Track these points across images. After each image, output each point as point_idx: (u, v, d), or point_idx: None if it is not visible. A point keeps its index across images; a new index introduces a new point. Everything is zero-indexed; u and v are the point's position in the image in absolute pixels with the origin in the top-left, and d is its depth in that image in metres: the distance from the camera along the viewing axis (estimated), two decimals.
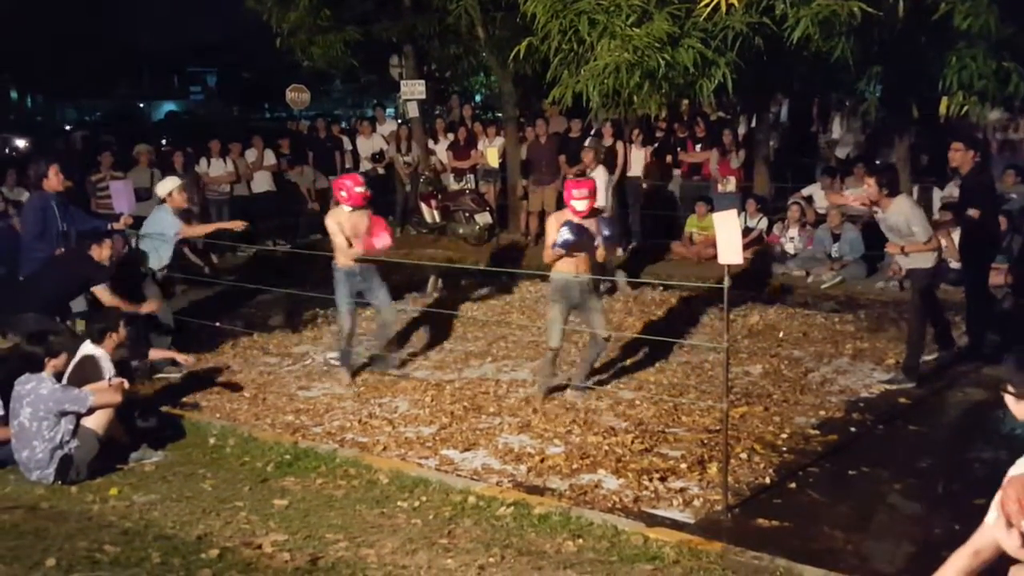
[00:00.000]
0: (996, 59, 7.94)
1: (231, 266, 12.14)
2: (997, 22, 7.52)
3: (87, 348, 5.92)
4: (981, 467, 5.65)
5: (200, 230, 8.97)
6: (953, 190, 9.63)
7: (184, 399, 7.15)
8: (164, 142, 15.84)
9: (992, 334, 7.51)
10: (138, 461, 5.89)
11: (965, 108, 8.32)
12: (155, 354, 7.09)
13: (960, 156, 6.93)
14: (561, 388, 6.97)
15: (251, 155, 13.68)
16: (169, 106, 37.67)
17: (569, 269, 6.65)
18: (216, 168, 13.20)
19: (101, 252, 7.25)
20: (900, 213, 6.83)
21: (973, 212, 7.37)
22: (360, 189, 7.33)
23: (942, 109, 8.61)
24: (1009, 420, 5.93)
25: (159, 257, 8.07)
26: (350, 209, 7.32)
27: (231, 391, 7.35)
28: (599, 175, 9.30)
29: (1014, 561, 2.57)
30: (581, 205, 6.57)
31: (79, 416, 5.56)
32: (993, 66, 7.95)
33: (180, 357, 6.96)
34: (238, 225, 8.66)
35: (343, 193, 7.34)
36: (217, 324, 9.11)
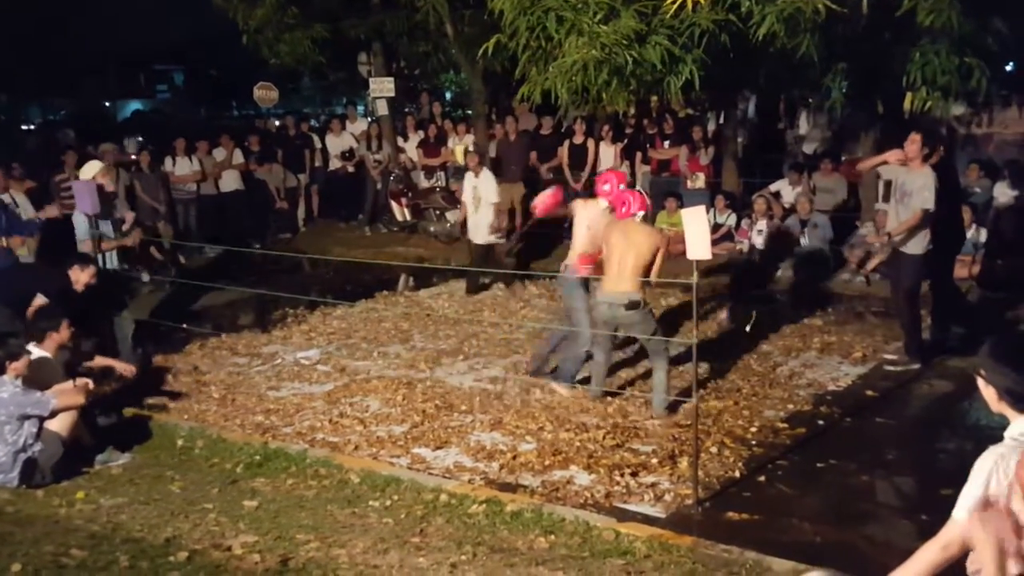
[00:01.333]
0: (959, 55, 8.06)
1: (198, 266, 12.02)
2: (959, 18, 7.63)
3: (39, 350, 5.83)
4: (947, 458, 5.74)
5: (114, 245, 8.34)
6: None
7: (151, 400, 7.07)
8: (140, 140, 15.56)
9: (957, 327, 7.62)
10: (104, 464, 5.80)
11: (929, 103, 8.43)
12: (98, 362, 6.73)
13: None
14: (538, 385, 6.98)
15: (220, 154, 13.56)
16: (135, 105, 37.20)
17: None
18: (182, 167, 13.08)
19: (79, 275, 6.97)
20: (924, 177, 6.90)
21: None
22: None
23: (906, 105, 8.72)
24: (975, 411, 6.04)
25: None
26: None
27: (199, 392, 7.28)
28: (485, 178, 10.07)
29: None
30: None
31: (42, 419, 5.47)
32: (956, 62, 8.07)
33: (120, 367, 6.69)
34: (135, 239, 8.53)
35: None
36: (184, 325, 9.02)
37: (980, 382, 2.71)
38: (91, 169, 8.24)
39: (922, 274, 7.28)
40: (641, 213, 6.59)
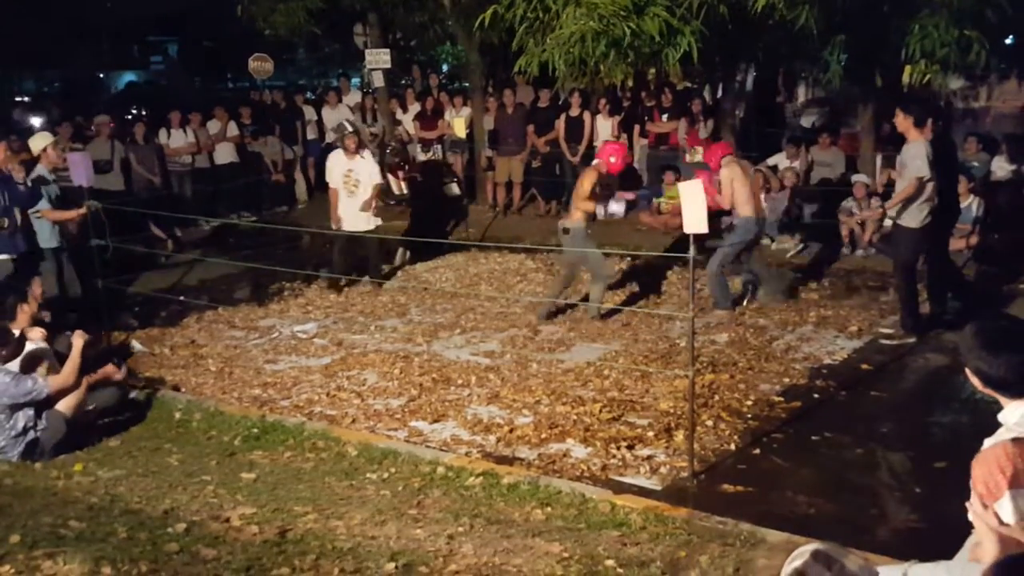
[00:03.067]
0: (958, 28, 8.01)
1: (195, 239, 12.00)
2: None
3: (32, 343, 5.80)
4: (941, 432, 5.77)
5: (58, 215, 8.21)
6: None
7: (149, 374, 7.08)
8: (135, 111, 15.47)
9: (953, 300, 7.64)
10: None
11: (927, 77, 8.39)
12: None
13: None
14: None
15: (214, 126, 13.47)
16: (129, 76, 36.91)
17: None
18: (176, 139, 13.00)
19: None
20: (916, 147, 6.94)
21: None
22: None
23: (905, 78, 8.68)
24: (969, 386, 6.07)
25: (44, 233, 7.94)
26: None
27: (196, 365, 7.29)
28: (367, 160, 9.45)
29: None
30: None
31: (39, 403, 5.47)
32: (955, 35, 8.02)
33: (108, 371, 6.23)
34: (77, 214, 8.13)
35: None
36: (182, 298, 9.02)
37: (966, 369, 2.70)
38: (41, 141, 8.19)
39: (919, 247, 7.28)
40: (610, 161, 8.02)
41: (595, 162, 8.18)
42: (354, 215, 9.32)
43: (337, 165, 9.42)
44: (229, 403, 6.44)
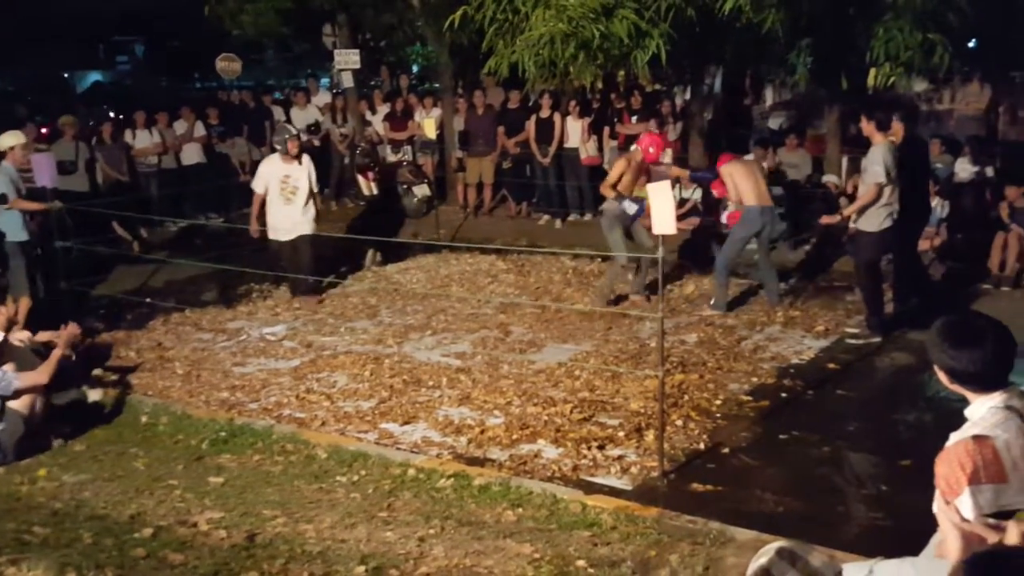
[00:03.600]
0: (922, 31, 8.12)
1: (161, 241, 11.86)
2: None
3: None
4: (907, 430, 5.84)
5: (25, 205, 8.19)
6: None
7: (114, 377, 6.99)
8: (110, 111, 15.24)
9: (919, 300, 7.74)
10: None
11: (892, 79, 8.50)
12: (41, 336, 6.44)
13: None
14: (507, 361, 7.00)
15: (180, 127, 13.34)
16: (95, 76, 36.44)
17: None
18: (142, 139, 12.85)
19: None
20: (875, 152, 7.05)
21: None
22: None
23: (870, 80, 8.79)
24: (934, 384, 6.16)
25: (14, 226, 7.84)
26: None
27: (163, 368, 7.21)
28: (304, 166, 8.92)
29: None
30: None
31: (4, 399, 5.39)
32: (919, 37, 8.13)
33: (63, 334, 6.19)
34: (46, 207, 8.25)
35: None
36: (148, 300, 8.91)
37: (934, 366, 2.74)
38: (9, 140, 8.09)
39: (880, 249, 7.38)
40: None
41: (633, 148, 8.42)
42: (289, 222, 8.81)
43: (273, 170, 8.90)
44: (196, 406, 6.38)
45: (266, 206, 8.91)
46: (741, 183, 8.17)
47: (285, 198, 8.81)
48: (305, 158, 8.95)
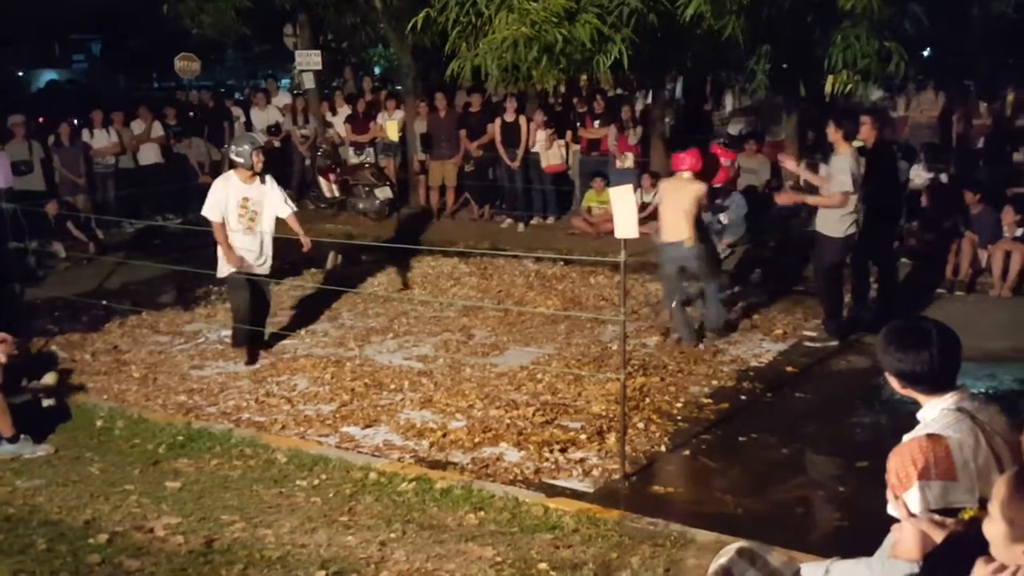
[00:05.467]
0: (878, 39, 8.25)
1: (118, 241, 11.68)
2: (879, 2, 7.81)
3: None
4: (863, 432, 5.94)
5: None
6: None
7: (69, 381, 6.86)
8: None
9: (875, 304, 7.86)
10: (15, 455, 5.49)
11: (849, 86, 8.63)
12: None
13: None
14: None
15: (138, 126, 13.14)
16: (50, 75, 35.79)
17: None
18: (99, 139, 12.63)
19: None
20: (840, 160, 7.09)
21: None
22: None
23: (827, 88, 8.91)
24: (890, 387, 6.26)
25: None
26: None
27: (119, 372, 7.09)
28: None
29: None
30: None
31: None
32: (875, 46, 8.26)
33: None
34: None
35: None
36: (104, 302, 8.76)
37: (885, 372, 2.78)
38: None
39: (842, 255, 7.47)
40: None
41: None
42: (255, 259, 7.35)
43: (231, 192, 7.23)
44: (153, 410, 6.29)
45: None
46: (661, 209, 7.47)
47: (245, 225, 7.25)
48: (269, 177, 7.37)
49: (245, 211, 7.23)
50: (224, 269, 7.29)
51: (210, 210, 7.22)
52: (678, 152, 7.65)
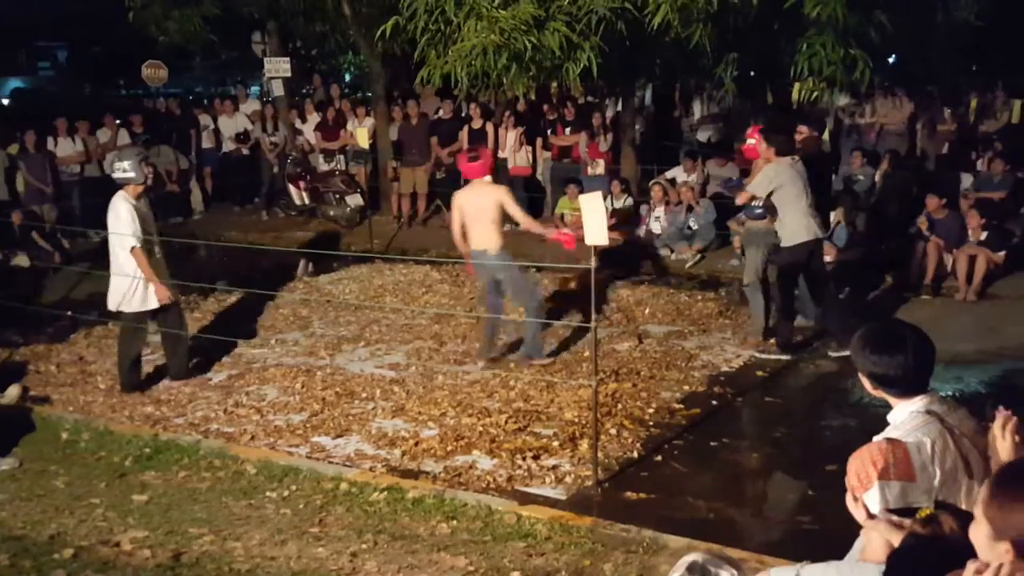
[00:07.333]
0: (844, 46, 8.35)
1: (83, 251, 11.52)
2: (845, 10, 7.90)
3: None
4: (832, 435, 5.98)
5: None
6: None
7: (33, 392, 6.75)
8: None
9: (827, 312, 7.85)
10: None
11: (815, 93, 8.72)
12: None
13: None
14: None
15: (103, 134, 13.00)
16: (15, 83, 35.34)
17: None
18: (64, 147, 12.49)
19: None
20: (770, 168, 7.02)
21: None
22: None
23: (794, 95, 9.01)
24: (859, 390, 6.31)
25: None
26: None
27: (85, 383, 6.99)
28: None
29: None
30: None
31: None
32: (841, 53, 8.36)
33: None
34: None
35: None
36: (69, 313, 8.64)
37: (859, 374, 2.81)
38: None
39: (798, 260, 7.35)
40: None
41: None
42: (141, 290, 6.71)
43: (124, 215, 6.73)
44: (120, 422, 6.20)
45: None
46: (465, 219, 7.16)
47: (148, 250, 6.70)
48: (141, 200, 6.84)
49: (136, 226, 6.65)
50: (152, 301, 6.68)
51: (135, 237, 6.57)
52: (472, 161, 7.32)
